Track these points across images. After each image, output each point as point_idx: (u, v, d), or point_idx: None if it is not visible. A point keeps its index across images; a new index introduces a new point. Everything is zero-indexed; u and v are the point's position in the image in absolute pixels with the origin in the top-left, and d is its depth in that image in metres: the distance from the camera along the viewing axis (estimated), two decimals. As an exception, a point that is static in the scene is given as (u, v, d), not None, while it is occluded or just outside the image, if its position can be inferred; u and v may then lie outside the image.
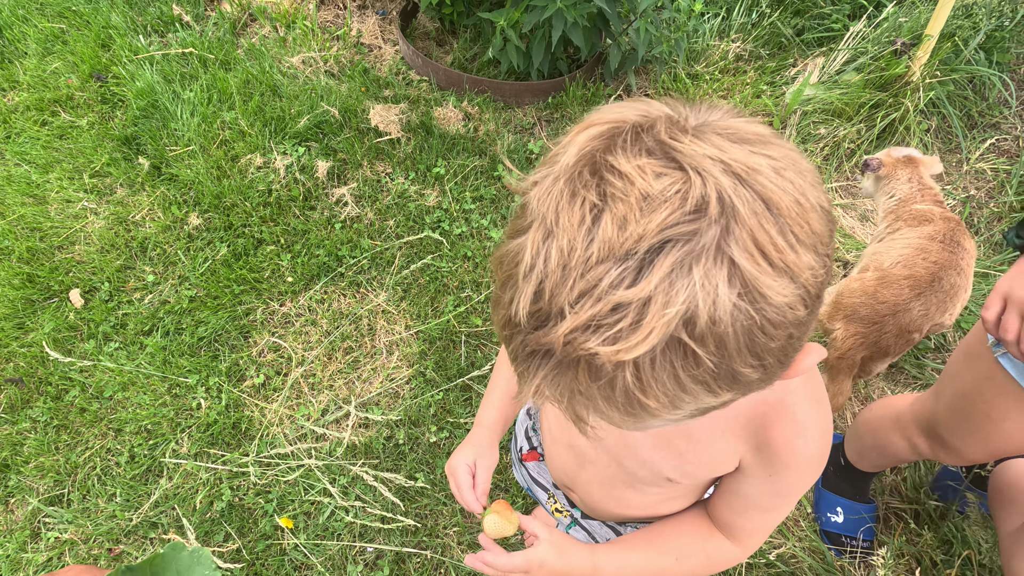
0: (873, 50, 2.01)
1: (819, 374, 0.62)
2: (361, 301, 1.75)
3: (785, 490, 0.62)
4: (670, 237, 0.31)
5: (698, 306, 0.31)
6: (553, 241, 0.33)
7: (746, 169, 0.32)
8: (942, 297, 1.25)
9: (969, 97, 2.12)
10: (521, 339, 0.36)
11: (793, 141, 2.07)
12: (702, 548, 0.72)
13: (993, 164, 2.05)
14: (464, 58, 2.26)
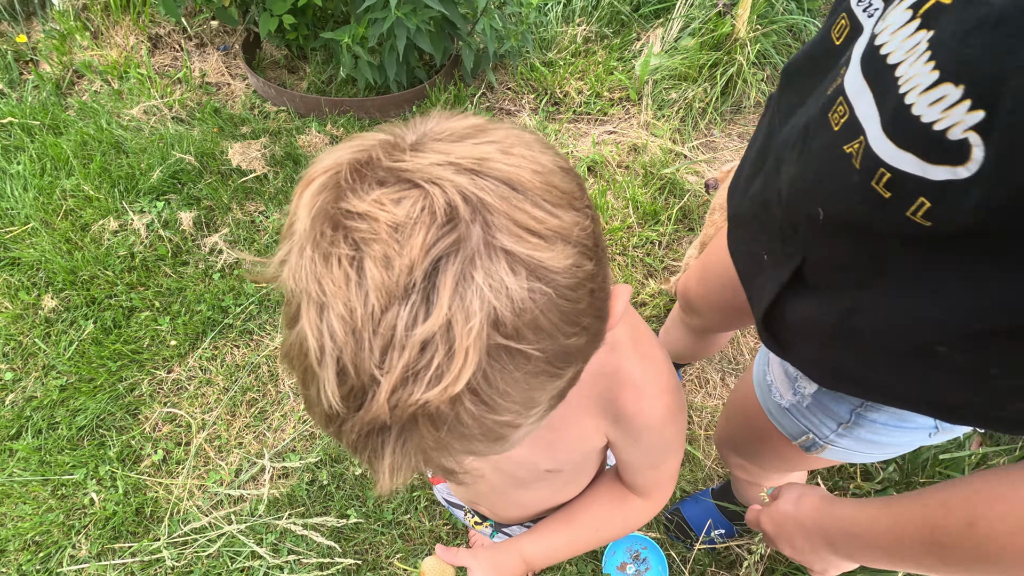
0: (701, 15, 2.17)
1: (646, 328, 0.65)
2: (256, 348, 1.66)
3: (659, 446, 0.65)
4: (438, 254, 0.30)
5: (496, 307, 0.31)
6: (329, 312, 0.31)
7: (476, 161, 0.33)
8: None
9: (791, 44, 2.33)
10: (349, 426, 0.34)
11: (651, 109, 2.19)
12: (618, 513, 0.75)
13: (823, 100, 2.27)
14: (320, 81, 2.20)
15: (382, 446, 0.34)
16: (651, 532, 1.43)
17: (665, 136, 2.14)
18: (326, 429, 0.36)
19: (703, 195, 1.98)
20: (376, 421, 0.32)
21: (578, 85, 2.26)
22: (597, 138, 2.16)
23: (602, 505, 0.75)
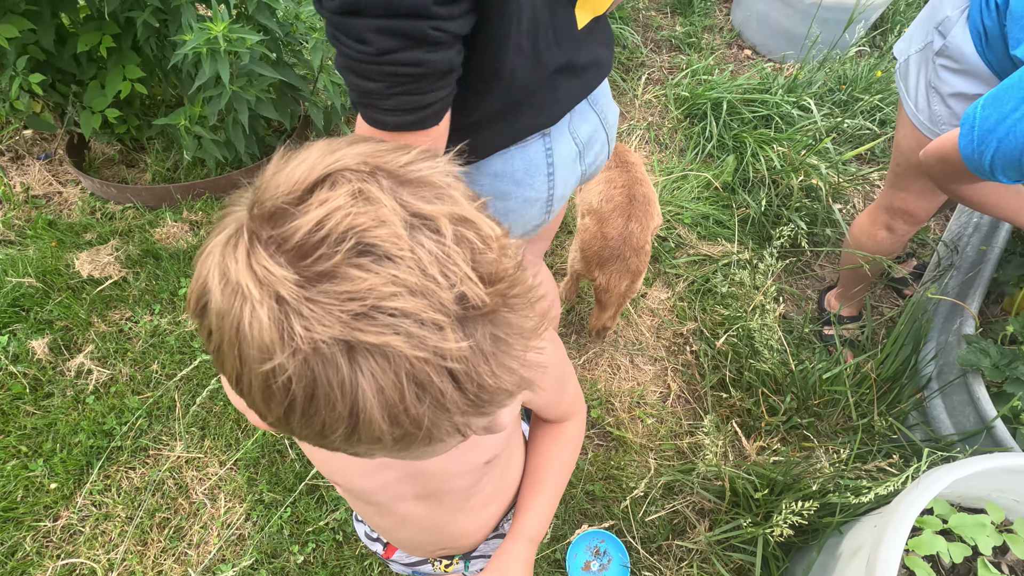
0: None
1: None
2: (156, 463, 1.52)
3: (557, 378, 0.72)
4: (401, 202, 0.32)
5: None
6: (404, 269, 0.30)
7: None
8: (644, 207, 1.50)
9: (624, 45, 2.56)
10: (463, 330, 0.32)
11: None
12: (565, 445, 0.81)
13: (653, 93, 2.51)
14: (164, 169, 2.09)
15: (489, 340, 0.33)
16: (604, 524, 1.48)
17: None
18: (365, 446, 0.34)
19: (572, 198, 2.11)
20: (482, 309, 0.31)
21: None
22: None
23: (550, 449, 0.80)
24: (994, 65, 1.13)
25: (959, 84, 1.19)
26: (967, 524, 1.11)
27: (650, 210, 1.50)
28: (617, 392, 1.72)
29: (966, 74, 1.18)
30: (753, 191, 2.03)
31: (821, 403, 1.55)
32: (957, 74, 1.19)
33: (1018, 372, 1.26)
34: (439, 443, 0.36)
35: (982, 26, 1.11)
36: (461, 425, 0.35)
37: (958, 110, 1.20)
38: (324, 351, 0.30)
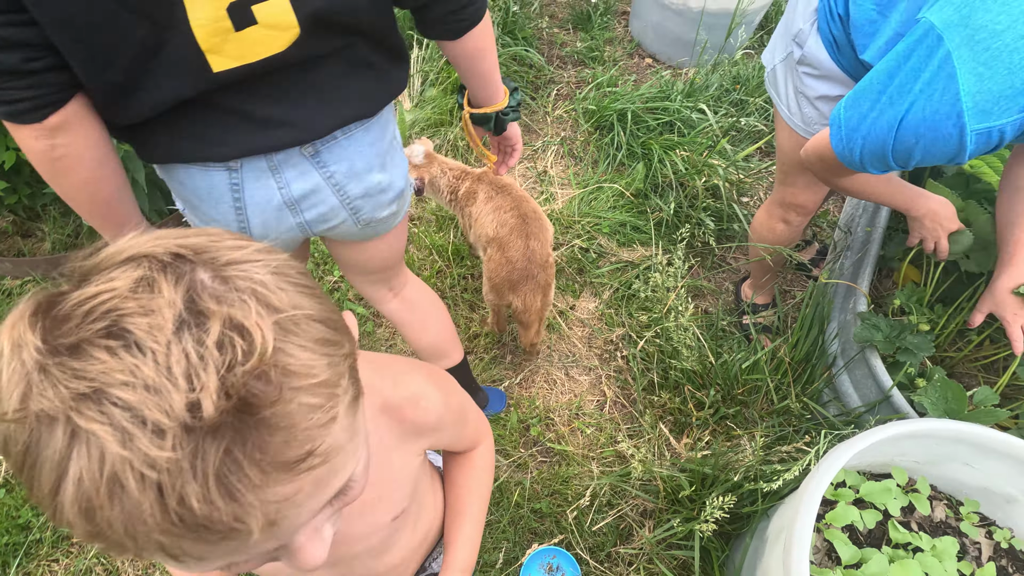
0: (434, 66, 2.36)
1: (369, 354, 0.69)
2: (81, 551, 1.43)
3: (456, 414, 0.73)
4: (188, 286, 0.32)
5: (257, 289, 0.33)
6: (116, 393, 0.29)
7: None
8: (536, 222, 1.54)
9: (520, 70, 2.63)
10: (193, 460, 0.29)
11: (423, 159, 2.32)
12: (479, 473, 0.83)
13: (563, 109, 2.59)
14: (65, 236, 1.99)
15: (233, 464, 0.30)
16: (554, 540, 1.50)
17: (444, 179, 2.28)
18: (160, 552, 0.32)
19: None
20: (215, 424, 0.29)
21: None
22: (383, 200, 2.23)
23: (466, 480, 0.82)
24: (848, 69, 1.23)
25: (822, 88, 1.29)
26: (876, 491, 1.20)
27: (542, 223, 1.56)
28: (555, 406, 1.75)
29: (826, 79, 1.28)
30: (664, 195, 2.12)
31: (745, 391, 1.63)
32: (819, 79, 1.29)
33: (906, 342, 1.37)
34: (167, 556, 0.32)
35: (831, 36, 1.22)
36: (170, 547, 0.31)
37: (825, 111, 1.30)
38: (42, 422, 0.29)
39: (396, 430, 0.65)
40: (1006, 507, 1.21)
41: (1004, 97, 0.85)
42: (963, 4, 0.86)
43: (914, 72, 0.91)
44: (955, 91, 0.86)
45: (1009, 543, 1.19)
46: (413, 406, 0.65)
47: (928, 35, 0.89)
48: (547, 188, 2.29)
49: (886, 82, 0.96)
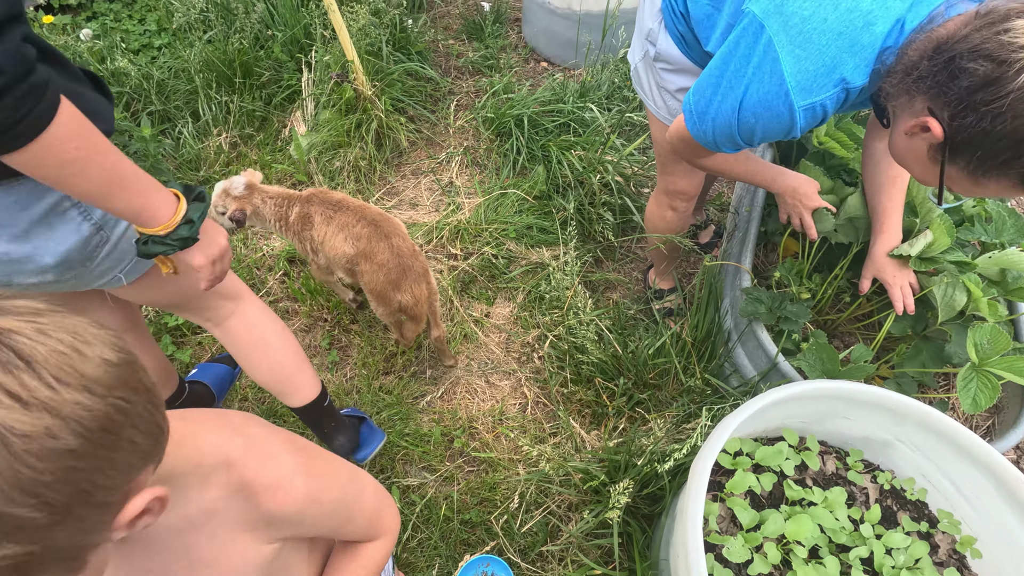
0: (325, 89, 2.33)
1: (259, 425, 0.67)
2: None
3: (332, 508, 0.68)
4: None
5: None
6: None
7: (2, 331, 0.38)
8: (385, 221, 1.55)
9: (418, 85, 2.64)
10: None
11: (325, 181, 2.28)
12: (364, 565, 0.77)
13: (464, 119, 2.61)
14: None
15: None
16: (486, 548, 1.51)
17: (348, 200, 2.25)
18: None
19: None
20: None
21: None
22: (287, 229, 2.18)
23: (340, 572, 0.77)
24: (699, 61, 1.32)
25: (680, 81, 1.37)
26: (769, 454, 1.28)
27: (391, 221, 1.57)
28: (478, 414, 1.76)
29: (682, 72, 1.36)
30: (565, 195, 2.18)
31: (655, 375, 1.70)
32: (675, 73, 1.37)
33: (787, 311, 1.47)
34: None
35: (678, 32, 1.29)
36: None
37: None
38: None
39: (248, 515, 0.61)
40: (886, 451, 1.32)
41: (819, 75, 0.93)
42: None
43: (745, 58, 0.99)
44: (780, 73, 0.94)
45: (891, 484, 1.30)
46: (270, 494, 0.61)
47: (752, 24, 0.97)
48: (454, 199, 2.31)
49: (723, 69, 1.04)
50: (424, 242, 2.15)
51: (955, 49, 0.78)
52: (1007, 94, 0.73)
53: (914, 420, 1.20)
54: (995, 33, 0.75)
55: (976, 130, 0.78)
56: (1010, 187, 0.82)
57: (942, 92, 0.81)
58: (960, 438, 1.15)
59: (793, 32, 0.93)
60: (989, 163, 0.80)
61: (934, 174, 0.90)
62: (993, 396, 1.16)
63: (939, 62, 0.80)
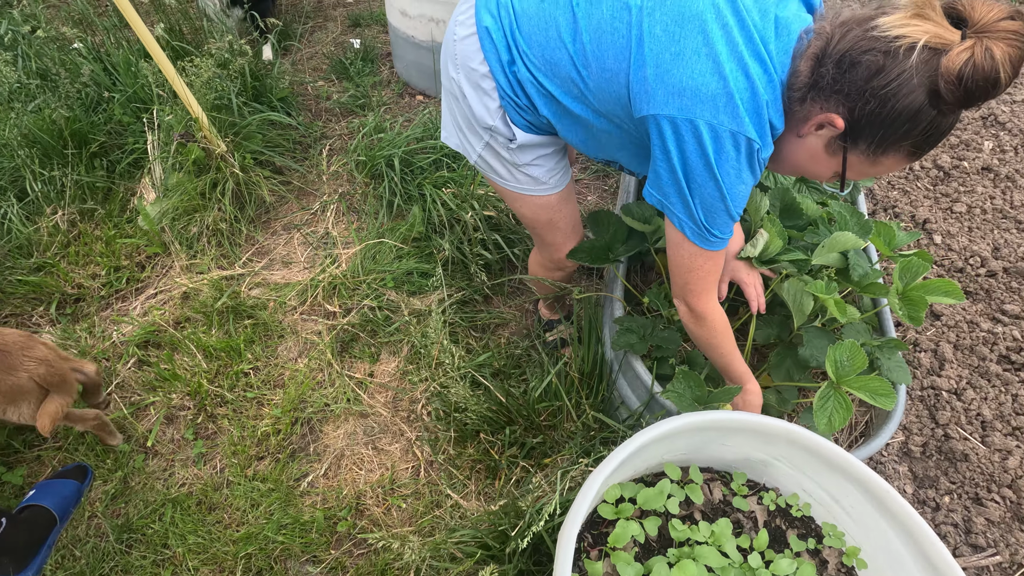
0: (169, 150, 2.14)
1: None
2: None
3: None
4: None
5: None
6: None
7: None
8: None
9: (279, 132, 2.49)
10: None
11: (182, 251, 2.09)
12: None
13: (338, 163, 2.49)
14: None
15: None
16: None
17: (212, 267, 2.07)
18: None
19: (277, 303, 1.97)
20: None
21: (90, 271, 2.03)
22: (141, 308, 1.97)
23: None
24: (545, 129, 1.23)
25: (535, 151, 1.27)
26: (651, 496, 1.22)
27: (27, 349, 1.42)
28: (366, 487, 1.63)
29: (534, 146, 1.26)
30: (443, 234, 2.10)
31: (547, 416, 1.63)
32: (527, 149, 1.26)
33: (659, 338, 1.43)
34: None
35: (526, 122, 1.19)
36: None
37: (548, 166, 1.30)
38: None
39: None
40: (767, 470, 1.30)
41: (755, 114, 0.94)
42: (669, 86, 0.93)
43: (697, 152, 0.96)
44: (740, 132, 0.93)
45: (776, 503, 1.27)
46: None
47: (676, 125, 0.95)
48: (330, 251, 2.17)
49: (689, 183, 1.00)
50: (298, 303, 2.00)
51: (839, 51, 0.87)
52: (897, 76, 0.83)
53: (783, 439, 1.18)
54: (866, 31, 0.85)
55: (876, 113, 0.87)
56: (903, 159, 0.92)
57: (838, 89, 0.89)
58: (825, 452, 1.14)
59: (709, 105, 0.92)
60: (889, 140, 0.89)
61: (832, 164, 0.99)
62: (847, 416, 1.15)
63: (828, 66, 0.88)
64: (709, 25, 0.91)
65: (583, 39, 1.01)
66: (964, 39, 0.79)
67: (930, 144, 0.90)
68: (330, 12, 3.45)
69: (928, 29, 0.80)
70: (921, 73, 0.81)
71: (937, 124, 0.86)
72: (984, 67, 0.77)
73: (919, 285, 1.32)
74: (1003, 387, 1.92)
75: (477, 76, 1.16)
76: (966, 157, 2.65)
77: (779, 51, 0.94)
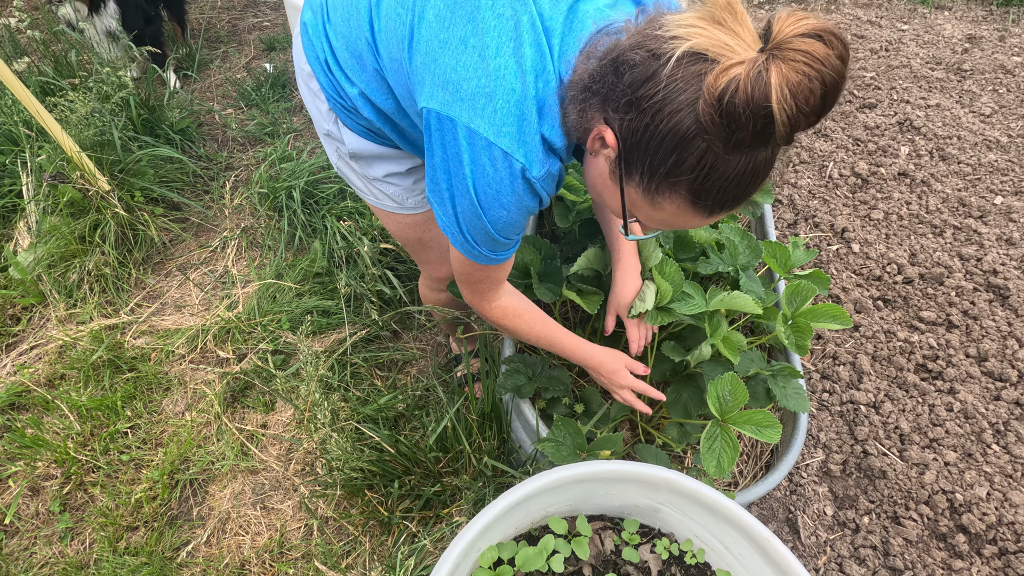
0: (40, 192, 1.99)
1: None
2: None
3: None
4: None
5: None
6: None
7: None
8: None
9: (176, 167, 2.35)
10: None
11: (60, 301, 1.94)
12: None
13: (242, 196, 2.36)
14: None
15: None
16: None
17: (94, 315, 1.92)
18: None
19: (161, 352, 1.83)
20: None
21: (-47, 327, 1.86)
22: (12, 366, 1.81)
23: None
24: (396, 143, 1.14)
25: (385, 167, 1.19)
26: (531, 557, 1.13)
27: None
28: (251, 554, 1.50)
29: (384, 159, 1.18)
30: (345, 267, 1.99)
31: (448, 461, 1.53)
32: (378, 161, 1.19)
33: (548, 378, 1.35)
34: None
35: (361, 127, 1.11)
36: None
37: (401, 183, 1.21)
38: None
39: None
40: (658, 515, 1.22)
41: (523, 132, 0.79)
42: (436, 76, 0.80)
43: (456, 157, 0.82)
44: (494, 149, 0.79)
45: (669, 550, 1.20)
46: None
47: (441, 121, 0.81)
48: (229, 291, 2.04)
49: (447, 183, 0.86)
50: (188, 351, 1.87)
51: (620, 49, 0.71)
52: (664, 87, 0.66)
53: (665, 488, 1.11)
54: (653, 29, 0.69)
55: (642, 131, 0.69)
56: (685, 206, 0.73)
57: (611, 96, 0.72)
58: (706, 499, 1.07)
59: (480, 107, 0.78)
60: (659, 172, 0.71)
61: (618, 196, 0.79)
62: (735, 455, 1.08)
63: (607, 66, 0.72)
64: (482, 12, 0.77)
65: (377, 26, 0.90)
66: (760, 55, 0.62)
67: (712, 194, 0.70)
68: (245, 36, 3.33)
69: (713, 36, 0.63)
70: (691, 88, 0.64)
71: (712, 164, 0.67)
72: (748, 91, 0.59)
73: (807, 311, 1.27)
74: (920, 397, 1.90)
75: (305, 76, 1.07)
76: (883, 163, 2.67)
77: (567, 46, 0.79)
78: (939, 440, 1.79)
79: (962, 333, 2.04)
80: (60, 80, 2.25)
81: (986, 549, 1.57)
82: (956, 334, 2.04)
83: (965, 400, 1.85)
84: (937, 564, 1.56)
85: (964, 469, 1.71)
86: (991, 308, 2.10)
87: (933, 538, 1.61)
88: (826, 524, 1.65)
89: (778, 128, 0.61)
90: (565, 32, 0.79)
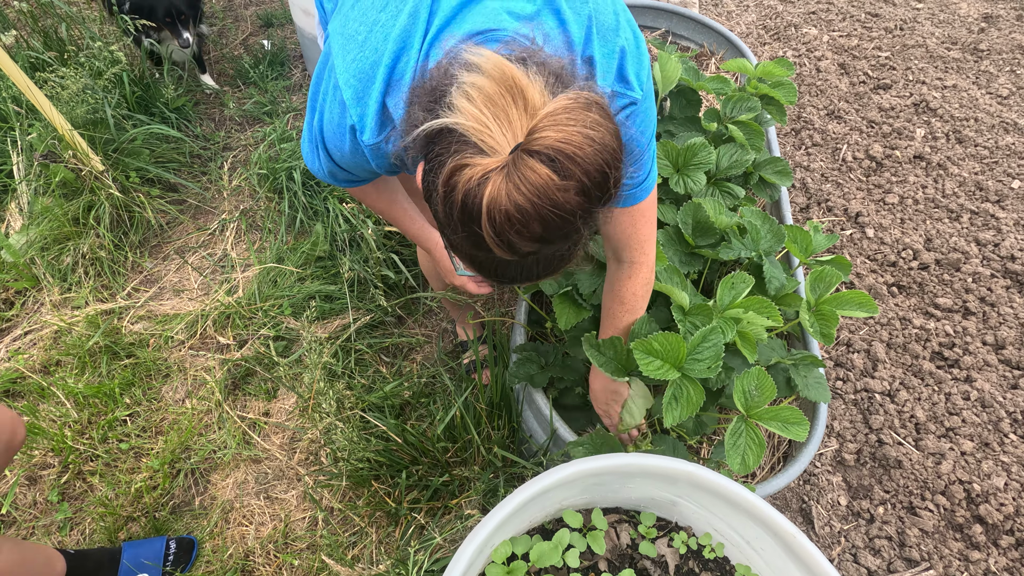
0: (34, 172, 1.92)
1: None
2: None
3: None
4: None
5: None
6: None
7: None
8: None
9: (172, 147, 2.28)
10: None
11: (55, 284, 1.88)
12: None
13: (240, 177, 2.29)
14: None
15: None
16: None
17: (90, 300, 1.87)
18: None
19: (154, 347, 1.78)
20: None
21: (-55, 311, 1.80)
22: (5, 352, 1.76)
23: None
24: None
25: None
26: (546, 552, 1.10)
27: None
28: (255, 546, 1.47)
29: None
30: (349, 251, 1.93)
31: (456, 451, 1.49)
32: None
33: (560, 368, 1.30)
34: None
35: None
36: None
37: None
38: None
39: None
40: (676, 508, 1.19)
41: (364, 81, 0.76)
42: (343, 8, 0.83)
43: (318, 79, 0.87)
44: (339, 87, 0.78)
45: (687, 544, 1.16)
46: None
47: (327, 47, 0.84)
48: (228, 275, 1.99)
49: (312, 97, 0.89)
50: (187, 337, 1.82)
51: (436, 78, 0.63)
52: (433, 154, 0.59)
53: (684, 481, 1.07)
54: (458, 69, 0.60)
55: (428, 187, 0.62)
56: (467, 259, 0.66)
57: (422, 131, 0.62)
58: (728, 493, 1.03)
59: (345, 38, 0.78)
60: (439, 215, 0.61)
61: None
62: (761, 453, 1.04)
63: (432, 84, 0.63)
64: None
65: None
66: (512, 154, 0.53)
67: (488, 271, 0.64)
68: (240, 11, 3.22)
69: (479, 118, 0.54)
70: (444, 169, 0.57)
71: (475, 244, 0.59)
72: (465, 195, 0.53)
73: (831, 298, 1.22)
74: (936, 386, 1.86)
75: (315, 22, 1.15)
76: (898, 146, 2.60)
77: (443, 34, 0.71)
78: (955, 429, 1.76)
79: (979, 320, 2.00)
80: (45, 56, 2.17)
81: (1003, 540, 1.54)
82: (973, 321, 1.99)
83: (982, 389, 1.82)
84: (954, 555, 1.53)
85: (981, 459, 1.68)
86: (1009, 295, 2.05)
87: (950, 529, 1.58)
88: (840, 514, 1.62)
89: (488, 242, 0.55)
90: (450, 19, 0.71)
